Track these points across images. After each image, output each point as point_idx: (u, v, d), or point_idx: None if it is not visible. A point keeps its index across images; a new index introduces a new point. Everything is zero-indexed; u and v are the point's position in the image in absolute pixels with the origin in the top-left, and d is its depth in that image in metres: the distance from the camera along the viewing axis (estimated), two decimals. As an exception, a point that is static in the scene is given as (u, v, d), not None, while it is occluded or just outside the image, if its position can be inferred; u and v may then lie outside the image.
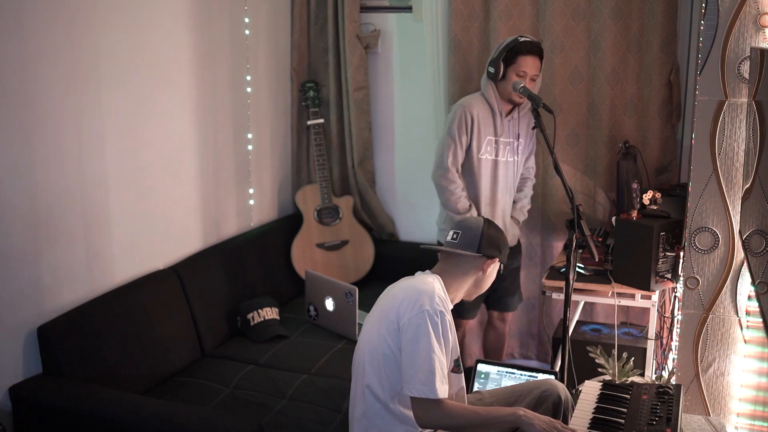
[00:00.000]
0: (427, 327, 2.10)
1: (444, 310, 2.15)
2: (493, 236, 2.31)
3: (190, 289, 3.20)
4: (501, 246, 2.33)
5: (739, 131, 2.73)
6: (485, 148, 3.19)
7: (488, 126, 3.18)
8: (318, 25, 4.04)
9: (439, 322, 2.11)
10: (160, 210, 3.20)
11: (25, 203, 2.56)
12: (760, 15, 2.63)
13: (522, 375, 2.91)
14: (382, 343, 2.18)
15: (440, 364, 2.10)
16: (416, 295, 2.15)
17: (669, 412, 2.26)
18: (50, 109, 2.63)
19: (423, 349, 2.09)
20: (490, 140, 3.19)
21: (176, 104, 3.27)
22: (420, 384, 2.09)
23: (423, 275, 2.30)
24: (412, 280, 2.29)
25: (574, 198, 2.62)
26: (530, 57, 3.09)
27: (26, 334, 2.60)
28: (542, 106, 2.78)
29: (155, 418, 2.40)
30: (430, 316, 2.11)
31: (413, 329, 2.11)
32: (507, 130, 3.21)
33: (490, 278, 2.36)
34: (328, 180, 3.97)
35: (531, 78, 3.10)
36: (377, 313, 2.25)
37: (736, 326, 2.85)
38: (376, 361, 2.20)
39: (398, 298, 2.20)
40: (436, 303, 2.13)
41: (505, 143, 3.22)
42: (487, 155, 3.20)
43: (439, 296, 2.17)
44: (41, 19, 2.56)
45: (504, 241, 2.35)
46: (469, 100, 3.21)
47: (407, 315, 2.13)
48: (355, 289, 3.28)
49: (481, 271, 2.31)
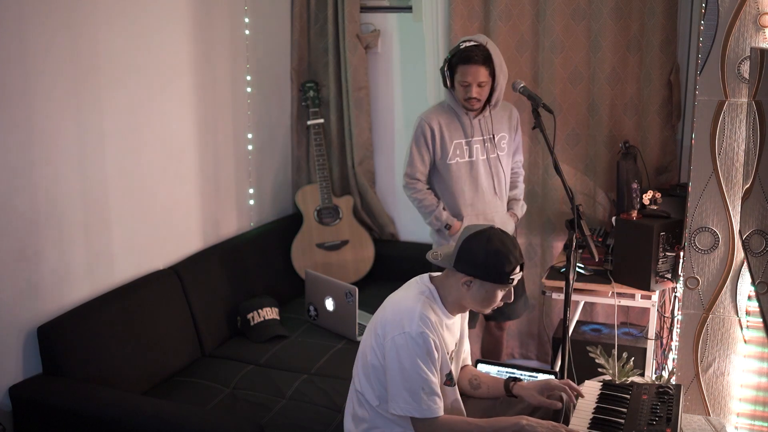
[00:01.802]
0: (407, 348, 2.09)
1: (426, 330, 2.10)
2: (472, 250, 2.12)
3: (190, 289, 3.20)
4: (480, 263, 2.10)
5: (739, 131, 2.73)
6: (454, 152, 3.13)
7: (455, 130, 3.13)
8: (318, 25, 4.04)
9: (422, 342, 2.09)
10: (160, 210, 3.20)
11: (25, 203, 2.56)
12: (760, 15, 2.63)
13: (522, 375, 2.90)
14: (371, 354, 2.20)
15: (424, 383, 2.10)
16: (399, 315, 2.14)
17: (669, 412, 2.26)
18: (50, 109, 2.63)
19: (406, 369, 2.09)
20: (459, 143, 3.13)
21: (176, 104, 3.27)
22: (404, 402, 2.10)
23: (416, 286, 2.25)
24: (403, 292, 2.27)
25: (574, 198, 2.62)
26: (470, 66, 2.96)
27: (26, 334, 2.60)
28: (542, 106, 2.78)
29: (155, 418, 2.40)
30: (411, 338, 2.09)
31: (395, 350, 2.11)
32: (479, 128, 3.14)
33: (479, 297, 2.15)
34: (328, 180, 3.97)
35: (477, 85, 2.99)
36: (373, 321, 2.26)
37: (736, 326, 2.85)
38: (366, 371, 2.23)
39: (387, 313, 2.20)
40: (417, 324, 2.10)
41: (479, 142, 3.14)
42: (458, 159, 3.14)
43: (421, 315, 2.12)
44: (41, 18, 2.56)
45: (495, 260, 2.10)
46: (428, 112, 3.17)
47: (390, 334, 2.13)
48: (355, 289, 3.28)
49: (464, 287, 2.15)
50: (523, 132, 3.71)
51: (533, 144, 3.75)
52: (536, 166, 3.75)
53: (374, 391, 2.21)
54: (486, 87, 3.03)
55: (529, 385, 2.31)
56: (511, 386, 2.34)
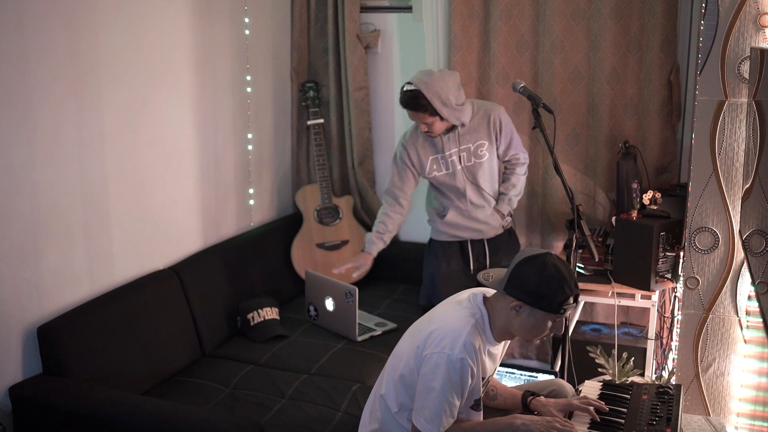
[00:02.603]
0: (444, 369, 2.06)
1: (467, 358, 2.06)
2: (524, 274, 2.06)
3: (190, 289, 3.20)
4: (534, 289, 2.03)
5: (739, 131, 2.73)
6: (431, 167, 3.27)
7: (429, 147, 3.25)
8: (318, 25, 4.04)
9: (459, 367, 2.06)
10: (160, 210, 3.20)
11: (25, 203, 2.56)
12: (760, 15, 2.63)
13: (522, 375, 2.91)
14: (405, 362, 2.18)
15: (449, 407, 2.08)
16: (444, 332, 2.10)
17: (669, 412, 2.26)
18: (50, 109, 2.62)
19: (435, 389, 2.08)
20: (435, 158, 3.26)
21: (176, 104, 3.27)
22: (424, 420, 2.10)
23: (468, 306, 2.17)
24: (454, 308, 2.19)
25: (574, 198, 2.62)
26: (409, 111, 3.11)
27: (26, 334, 2.60)
28: (542, 106, 2.78)
29: (155, 418, 2.40)
30: (450, 361, 2.06)
31: (432, 366, 2.08)
32: (454, 141, 3.23)
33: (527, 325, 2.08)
34: (328, 180, 3.97)
35: (424, 123, 3.12)
36: (416, 328, 2.24)
37: (736, 326, 2.85)
38: (394, 376, 2.21)
39: (432, 325, 2.15)
40: (459, 349, 2.06)
41: (455, 154, 3.23)
42: (435, 173, 3.28)
43: (465, 341, 2.07)
44: (41, 18, 2.56)
45: (548, 287, 2.03)
46: (406, 134, 3.31)
47: (430, 348, 2.10)
48: (354, 289, 3.28)
49: (513, 312, 2.09)
50: (523, 132, 3.72)
51: (533, 144, 3.75)
52: (536, 166, 3.75)
53: (397, 398, 2.20)
54: (434, 123, 3.12)
55: (548, 403, 2.29)
56: (528, 401, 2.32)
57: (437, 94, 3.03)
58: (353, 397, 2.82)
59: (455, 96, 3.09)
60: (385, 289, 3.92)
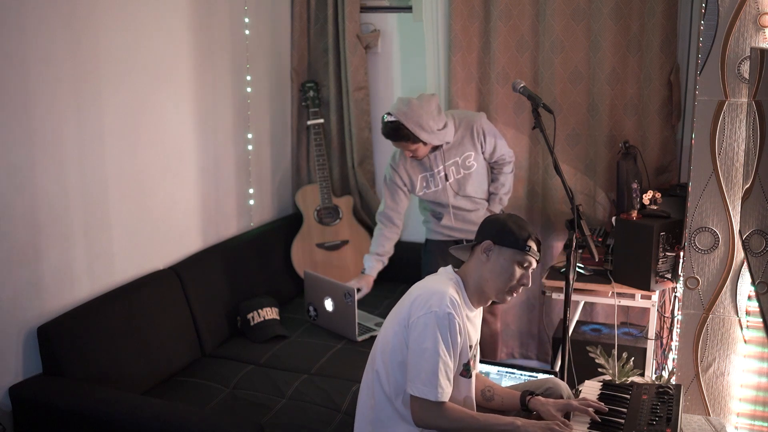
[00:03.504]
0: (434, 328, 2.09)
1: (453, 312, 2.11)
2: (492, 221, 2.27)
3: (190, 289, 3.20)
4: (499, 229, 2.21)
5: (739, 131, 2.73)
6: (421, 185, 3.35)
7: (417, 167, 3.33)
8: (318, 25, 4.04)
9: (447, 323, 2.10)
10: (160, 210, 3.20)
11: (25, 203, 2.56)
12: (760, 15, 2.63)
13: (522, 375, 2.91)
14: (393, 337, 2.19)
15: (445, 366, 2.10)
16: (428, 295, 2.15)
17: (669, 412, 2.26)
18: (50, 109, 2.62)
19: (428, 349, 2.09)
20: (423, 176, 3.34)
21: (176, 104, 3.27)
22: (421, 384, 2.09)
23: (444, 274, 2.28)
24: (432, 278, 2.29)
25: (574, 198, 2.62)
26: (391, 140, 3.19)
27: (26, 334, 2.60)
28: (542, 106, 2.78)
29: (155, 418, 2.40)
30: (438, 317, 2.09)
31: (420, 328, 2.11)
32: (440, 159, 3.30)
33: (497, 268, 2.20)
34: (328, 180, 3.97)
35: (408, 150, 3.19)
36: (396, 307, 2.27)
37: (736, 326, 2.85)
38: (386, 356, 2.21)
39: (413, 295, 2.20)
40: (446, 305, 2.11)
41: (443, 169, 3.31)
42: (425, 190, 3.36)
43: (451, 297, 2.13)
44: (41, 19, 2.56)
45: (513, 226, 2.20)
46: (392, 157, 3.39)
47: (416, 314, 2.13)
48: (353, 289, 3.28)
49: (483, 256, 2.21)
50: (523, 132, 3.72)
51: (533, 144, 3.75)
52: (536, 166, 3.75)
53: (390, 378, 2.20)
54: (418, 149, 3.20)
55: (548, 402, 2.29)
56: (527, 400, 2.33)
57: (417, 123, 3.11)
58: (353, 397, 2.81)
59: (435, 121, 3.16)
60: (385, 289, 3.91)
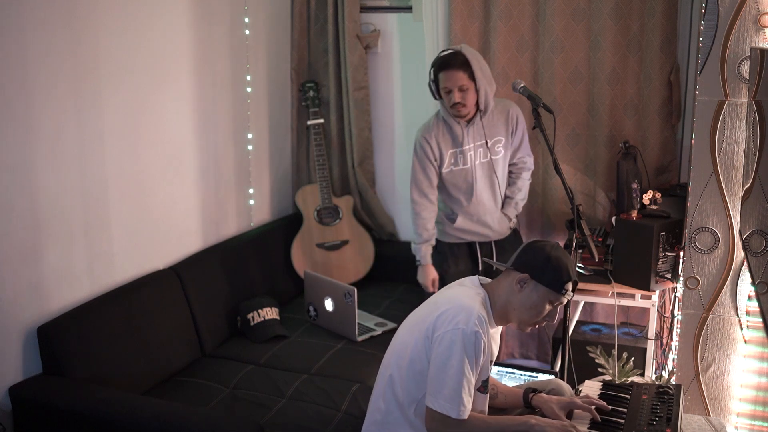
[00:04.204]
0: (460, 345, 2.06)
1: (480, 331, 2.08)
2: (534, 251, 2.16)
3: (190, 289, 3.20)
4: (541, 264, 2.12)
5: (739, 131, 2.73)
6: (448, 161, 3.23)
7: (447, 141, 3.21)
8: (318, 25, 4.04)
9: (474, 341, 2.07)
10: (160, 210, 3.20)
11: (25, 203, 2.56)
12: (760, 15, 2.63)
13: (522, 375, 2.91)
14: (413, 347, 2.17)
15: (468, 384, 2.08)
16: (456, 310, 2.11)
17: (669, 412, 2.26)
18: (50, 109, 2.62)
19: (453, 366, 2.07)
20: (453, 152, 3.22)
21: (176, 104, 3.27)
22: (444, 400, 2.08)
23: (472, 287, 2.23)
24: (459, 289, 2.24)
25: (574, 198, 2.62)
26: (449, 71, 3.05)
27: (26, 334, 2.60)
28: (542, 106, 2.78)
29: (155, 418, 2.40)
30: (465, 335, 2.06)
31: (446, 344, 2.08)
32: (472, 136, 3.20)
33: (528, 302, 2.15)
34: (328, 180, 3.97)
35: (459, 89, 3.06)
36: (418, 314, 2.24)
37: (736, 326, 2.85)
38: (402, 362, 2.19)
39: (439, 307, 2.16)
40: (473, 323, 2.07)
41: (472, 149, 3.21)
42: (452, 167, 3.23)
43: (479, 315, 2.10)
44: (41, 19, 2.56)
45: (555, 264, 2.12)
46: (424, 128, 3.26)
47: (443, 328, 2.10)
48: (353, 289, 3.28)
49: (517, 286, 2.15)
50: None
51: (533, 144, 3.74)
52: (536, 166, 3.74)
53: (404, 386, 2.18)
54: (469, 92, 3.08)
55: (551, 400, 2.29)
56: (530, 397, 2.32)
57: (476, 58, 3.06)
58: (353, 397, 2.82)
59: (489, 71, 3.12)
60: (385, 289, 3.92)
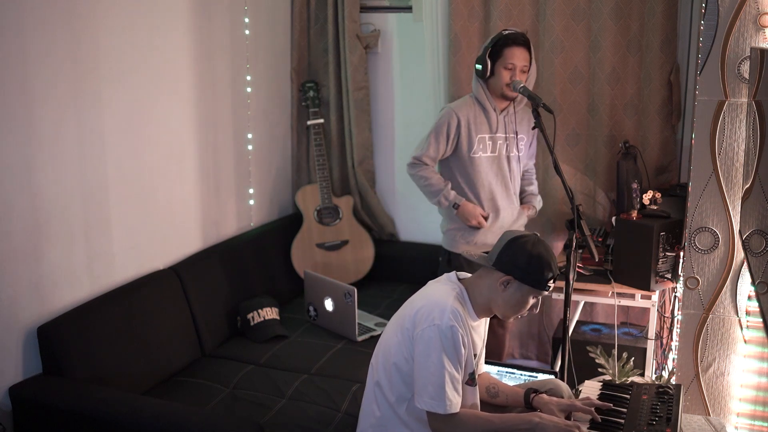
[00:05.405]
0: (437, 341, 2.09)
1: (456, 325, 2.10)
2: (515, 251, 2.15)
3: (190, 289, 3.20)
4: (524, 265, 2.12)
5: (739, 131, 2.73)
6: (478, 146, 3.18)
7: (481, 124, 3.17)
8: (318, 25, 4.04)
9: (451, 335, 2.09)
10: (160, 210, 3.20)
11: (25, 203, 2.56)
12: (760, 15, 2.63)
13: (522, 375, 2.91)
14: (396, 349, 2.19)
15: (451, 378, 2.10)
16: (430, 307, 2.14)
17: (669, 412, 2.26)
18: (50, 109, 2.62)
19: (433, 363, 2.09)
20: (483, 138, 3.18)
21: (176, 104, 3.27)
22: (429, 398, 2.10)
23: (446, 283, 2.26)
24: (433, 287, 2.27)
25: (574, 198, 2.62)
26: (517, 48, 3.05)
27: (26, 334, 2.60)
28: (542, 106, 2.78)
29: (155, 418, 2.40)
30: (441, 331, 2.09)
31: (424, 342, 2.11)
32: (503, 125, 3.19)
33: (512, 300, 2.16)
34: (328, 180, 3.97)
35: (521, 70, 3.06)
36: (399, 316, 2.26)
37: (736, 326, 2.85)
38: (388, 364, 2.22)
39: (415, 306, 2.19)
40: (448, 317, 2.10)
41: (502, 138, 3.20)
42: (481, 153, 3.19)
43: (453, 309, 2.12)
44: (41, 19, 2.56)
45: (538, 264, 2.13)
46: (457, 103, 3.21)
47: (420, 326, 2.13)
48: (353, 289, 3.28)
49: (500, 287, 2.16)
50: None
51: (533, 144, 3.75)
52: (536, 166, 3.75)
53: (392, 387, 2.20)
54: (525, 76, 3.09)
55: (551, 401, 2.29)
56: (531, 398, 2.33)
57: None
58: (353, 397, 2.82)
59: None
60: (385, 289, 3.92)
